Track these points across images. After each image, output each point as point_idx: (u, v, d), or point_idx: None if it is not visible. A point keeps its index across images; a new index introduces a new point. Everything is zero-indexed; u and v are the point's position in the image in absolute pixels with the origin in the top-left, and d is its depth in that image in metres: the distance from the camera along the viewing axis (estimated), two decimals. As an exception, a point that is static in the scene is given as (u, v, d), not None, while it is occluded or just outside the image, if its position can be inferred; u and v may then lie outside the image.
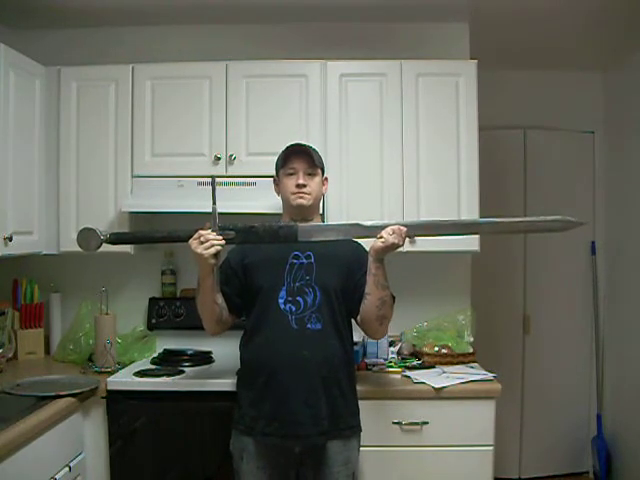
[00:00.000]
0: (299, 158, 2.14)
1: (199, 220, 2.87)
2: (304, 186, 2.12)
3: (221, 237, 1.95)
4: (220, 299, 2.09)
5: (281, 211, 2.26)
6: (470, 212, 2.71)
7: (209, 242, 1.93)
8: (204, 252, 1.92)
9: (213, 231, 1.96)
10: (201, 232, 1.95)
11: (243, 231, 2.00)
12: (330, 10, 2.96)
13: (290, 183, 2.14)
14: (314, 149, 2.20)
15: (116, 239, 2.11)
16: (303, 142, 2.24)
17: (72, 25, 3.07)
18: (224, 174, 2.69)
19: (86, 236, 2.07)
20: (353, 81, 2.75)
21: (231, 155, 2.71)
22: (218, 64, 2.75)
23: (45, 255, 2.79)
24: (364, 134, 2.74)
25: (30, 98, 2.67)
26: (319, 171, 2.19)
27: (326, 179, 2.25)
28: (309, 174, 2.15)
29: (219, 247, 1.94)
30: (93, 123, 2.77)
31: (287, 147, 2.18)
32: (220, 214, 2.67)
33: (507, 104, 3.72)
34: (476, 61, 2.76)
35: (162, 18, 3.04)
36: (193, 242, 1.94)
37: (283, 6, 2.92)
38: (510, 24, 3.08)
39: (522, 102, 3.79)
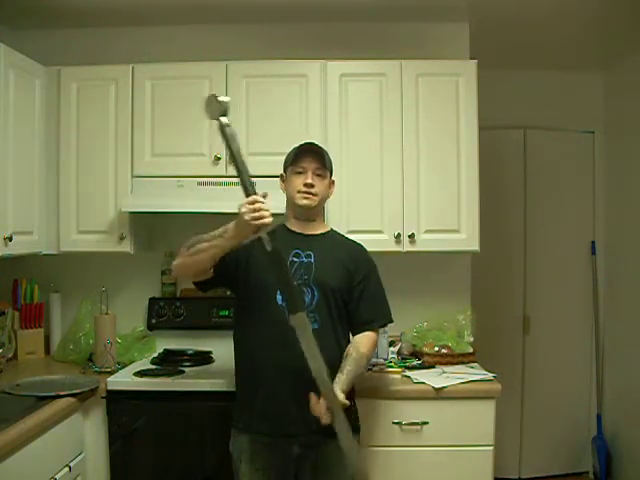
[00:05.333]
0: (310, 157, 2.10)
1: (199, 220, 2.88)
2: (312, 186, 2.08)
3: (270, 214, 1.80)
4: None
5: (282, 211, 2.21)
6: (470, 212, 2.71)
7: (261, 213, 1.78)
8: (254, 222, 1.78)
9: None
10: (257, 198, 1.80)
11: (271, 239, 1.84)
12: (330, 10, 2.96)
13: (298, 182, 2.10)
14: (326, 151, 2.16)
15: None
16: (316, 142, 2.19)
17: (72, 25, 3.07)
18: (224, 174, 2.69)
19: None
20: (353, 81, 2.76)
21: (231, 155, 2.71)
22: (218, 64, 2.76)
23: (45, 255, 2.79)
24: (364, 134, 2.74)
25: (30, 98, 2.67)
26: (328, 173, 2.15)
27: (333, 182, 2.21)
28: (318, 175, 2.11)
29: (268, 221, 1.79)
30: (93, 123, 2.77)
31: (300, 145, 2.13)
32: (220, 214, 2.67)
33: (507, 104, 3.72)
34: (476, 61, 2.76)
35: (162, 18, 3.04)
36: (247, 206, 1.79)
37: (283, 6, 2.92)
38: (510, 24, 3.08)
39: (522, 102, 3.79)
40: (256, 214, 1.78)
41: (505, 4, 2.87)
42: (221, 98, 1.79)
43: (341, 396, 1.89)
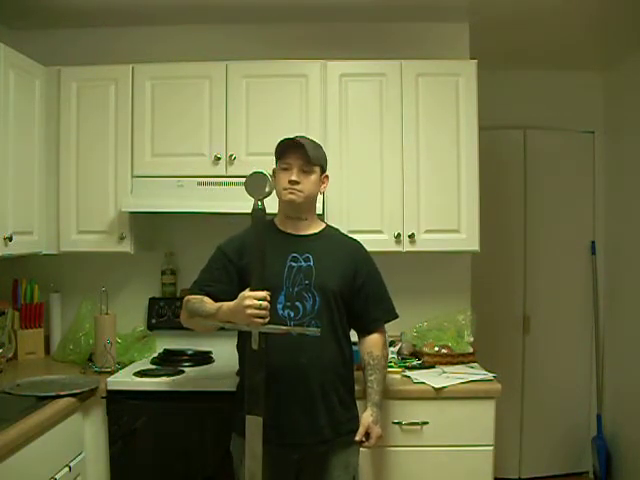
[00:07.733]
0: (294, 153, 2.04)
1: (199, 220, 2.88)
2: (296, 183, 2.04)
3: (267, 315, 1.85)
4: None
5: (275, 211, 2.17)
6: (470, 212, 2.71)
7: (264, 312, 1.83)
8: (253, 319, 1.82)
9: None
10: (267, 297, 1.84)
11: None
12: (330, 10, 2.96)
13: (284, 178, 2.05)
14: (315, 144, 2.10)
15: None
16: (304, 135, 2.14)
17: (72, 25, 3.07)
18: (224, 174, 2.69)
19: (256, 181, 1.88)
20: (353, 81, 2.76)
21: (231, 155, 2.71)
22: (218, 64, 2.75)
23: (45, 255, 2.79)
24: (364, 134, 2.74)
25: (30, 98, 2.66)
26: (316, 169, 2.08)
27: (326, 177, 2.16)
28: (304, 171, 2.05)
29: (264, 322, 1.84)
30: (93, 123, 2.77)
31: (283, 139, 2.07)
32: (220, 214, 2.67)
33: (507, 104, 3.72)
34: (476, 61, 2.76)
35: (162, 18, 3.04)
36: (254, 301, 1.82)
37: (283, 6, 2.92)
38: (510, 24, 3.08)
39: (522, 102, 3.79)
40: (261, 312, 1.82)
41: (505, 4, 2.87)
42: (268, 186, 1.86)
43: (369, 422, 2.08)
